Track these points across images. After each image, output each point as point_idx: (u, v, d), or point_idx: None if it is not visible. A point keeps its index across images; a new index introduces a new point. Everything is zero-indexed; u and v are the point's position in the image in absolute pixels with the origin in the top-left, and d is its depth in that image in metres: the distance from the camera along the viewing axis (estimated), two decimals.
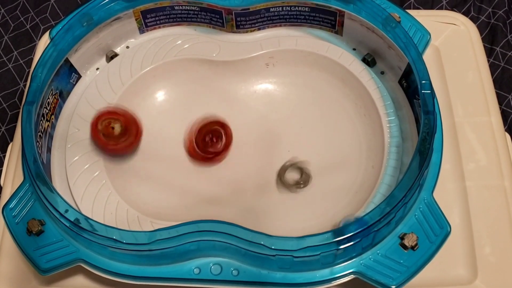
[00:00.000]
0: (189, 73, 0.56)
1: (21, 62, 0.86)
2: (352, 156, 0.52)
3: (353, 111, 0.54)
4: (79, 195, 0.48)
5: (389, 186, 0.47)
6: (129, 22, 0.55)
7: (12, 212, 0.44)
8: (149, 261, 0.43)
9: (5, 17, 0.90)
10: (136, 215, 0.47)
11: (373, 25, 0.51)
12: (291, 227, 0.48)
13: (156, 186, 0.52)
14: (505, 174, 0.50)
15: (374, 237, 0.41)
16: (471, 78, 0.56)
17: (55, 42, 0.50)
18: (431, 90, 0.45)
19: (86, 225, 0.41)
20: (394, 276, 0.41)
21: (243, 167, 0.53)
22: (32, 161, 0.44)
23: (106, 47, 0.56)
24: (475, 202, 0.49)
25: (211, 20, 0.56)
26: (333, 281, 0.42)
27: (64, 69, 0.52)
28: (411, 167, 0.42)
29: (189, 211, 0.50)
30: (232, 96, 0.57)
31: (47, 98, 0.50)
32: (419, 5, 0.87)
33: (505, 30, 0.84)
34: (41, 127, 0.48)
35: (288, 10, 0.55)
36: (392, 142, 0.49)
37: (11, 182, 0.52)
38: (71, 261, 0.43)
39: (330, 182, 0.51)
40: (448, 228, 0.42)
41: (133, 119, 0.51)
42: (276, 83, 0.57)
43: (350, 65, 0.53)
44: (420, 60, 0.47)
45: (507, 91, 0.80)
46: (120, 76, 0.54)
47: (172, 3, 0.55)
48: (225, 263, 0.43)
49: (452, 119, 0.53)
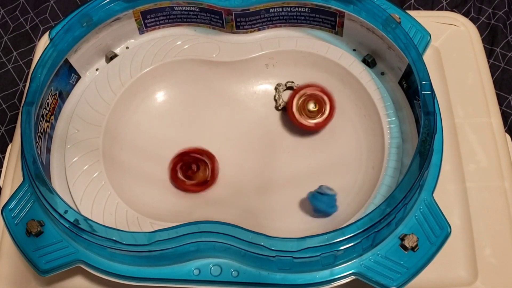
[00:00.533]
0: (188, 74, 0.56)
1: (20, 63, 0.86)
2: (352, 157, 0.52)
3: (353, 112, 0.54)
4: (79, 196, 0.48)
5: (389, 187, 0.47)
6: (128, 23, 0.55)
7: (11, 213, 0.44)
8: (149, 262, 0.42)
9: (4, 17, 0.90)
10: (135, 216, 0.47)
11: (373, 26, 0.50)
12: (291, 228, 0.48)
13: (155, 187, 0.52)
14: (506, 175, 0.50)
15: (374, 238, 0.41)
16: (471, 79, 0.56)
17: (54, 42, 0.50)
18: (432, 91, 0.45)
19: (86, 226, 0.41)
20: (394, 277, 0.41)
21: (242, 168, 0.53)
22: (31, 161, 0.44)
23: (105, 47, 0.56)
24: (476, 203, 0.49)
25: (211, 20, 0.56)
26: (333, 282, 0.42)
27: (63, 69, 0.52)
28: (411, 168, 0.42)
29: (189, 212, 0.50)
30: (232, 97, 0.57)
31: (47, 98, 0.49)
32: (419, 6, 0.87)
33: (505, 31, 0.84)
34: (40, 128, 0.48)
35: (288, 11, 0.55)
36: (392, 143, 0.49)
37: (11, 182, 0.52)
38: (71, 262, 0.43)
39: (330, 183, 0.51)
40: (448, 229, 0.42)
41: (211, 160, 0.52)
42: (276, 84, 0.57)
43: (350, 66, 0.53)
44: (420, 61, 0.47)
45: (507, 92, 0.80)
46: (119, 76, 0.54)
47: (172, 4, 0.55)
48: (225, 264, 0.43)
49: (452, 120, 0.53)
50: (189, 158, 0.51)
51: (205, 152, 0.51)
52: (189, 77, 0.56)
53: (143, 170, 0.52)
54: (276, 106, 0.53)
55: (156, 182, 0.52)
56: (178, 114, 0.56)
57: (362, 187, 0.49)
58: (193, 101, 0.56)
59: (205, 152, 0.52)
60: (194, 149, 0.52)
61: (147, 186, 0.51)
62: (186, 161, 0.51)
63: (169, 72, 0.55)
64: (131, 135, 0.54)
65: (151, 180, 0.52)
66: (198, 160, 0.51)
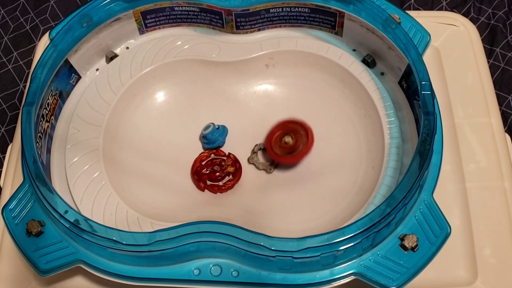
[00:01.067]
0: (189, 74, 0.56)
1: (21, 63, 0.86)
2: (352, 157, 0.52)
3: (353, 112, 0.54)
4: (79, 196, 0.48)
5: (389, 187, 0.47)
6: (129, 23, 0.55)
7: (11, 213, 0.44)
8: (149, 262, 0.43)
9: (5, 18, 0.90)
10: (135, 216, 0.47)
11: (373, 26, 0.50)
12: (291, 228, 0.48)
13: (155, 187, 0.52)
14: (505, 175, 0.50)
15: (374, 238, 0.41)
16: (471, 79, 0.56)
17: (55, 43, 0.50)
18: (431, 91, 0.45)
19: (86, 226, 0.41)
20: (394, 277, 0.41)
21: (243, 167, 0.53)
22: (31, 162, 0.44)
23: (106, 47, 0.56)
24: (475, 203, 0.49)
25: (211, 21, 0.56)
26: (333, 282, 0.42)
27: (64, 69, 0.52)
28: (411, 168, 0.42)
29: (189, 212, 0.50)
30: (232, 97, 0.57)
31: (47, 99, 0.49)
32: (419, 6, 0.87)
33: (505, 31, 0.84)
34: (40, 128, 0.48)
35: (288, 11, 0.55)
36: (392, 143, 0.49)
37: (11, 183, 0.52)
38: (71, 262, 0.43)
39: (330, 183, 0.51)
40: (448, 229, 0.42)
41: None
42: (276, 84, 0.57)
43: (350, 66, 0.53)
44: (420, 61, 0.47)
45: (507, 92, 0.80)
46: (120, 77, 0.54)
47: (172, 4, 0.55)
48: (225, 264, 0.43)
49: (452, 120, 0.53)
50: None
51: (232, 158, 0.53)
52: (189, 77, 0.56)
53: (143, 170, 0.52)
54: (257, 167, 0.53)
55: (156, 182, 0.52)
56: (178, 114, 0.56)
57: (362, 187, 0.49)
58: (193, 101, 0.56)
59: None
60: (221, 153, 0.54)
61: (147, 186, 0.51)
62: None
63: (169, 72, 0.56)
64: (131, 135, 0.54)
65: (152, 180, 0.52)
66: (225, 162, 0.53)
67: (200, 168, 0.52)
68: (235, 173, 0.52)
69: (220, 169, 0.52)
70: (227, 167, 0.52)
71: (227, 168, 0.52)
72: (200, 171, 0.52)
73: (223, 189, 0.51)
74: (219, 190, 0.51)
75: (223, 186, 0.52)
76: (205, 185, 0.51)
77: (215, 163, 0.52)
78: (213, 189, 0.51)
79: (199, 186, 0.52)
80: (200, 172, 0.52)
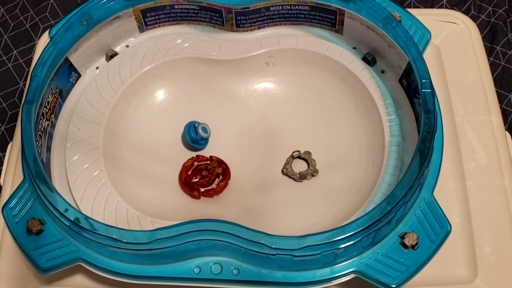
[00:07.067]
0: (189, 72, 0.56)
1: (20, 62, 0.86)
2: (352, 155, 0.52)
3: (353, 110, 0.54)
4: (79, 194, 0.48)
5: (390, 185, 0.47)
6: (129, 21, 0.55)
7: (12, 212, 0.44)
8: (149, 261, 0.43)
9: (4, 16, 0.90)
10: (136, 214, 0.47)
11: (373, 24, 0.50)
12: (291, 226, 0.48)
13: (156, 185, 0.52)
14: (506, 173, 0.50)
15: (375, 236, 0.41)
16: (472, 77, 0.56)
17: (54, 41, 0.50)
18: (432, 89, 0.45)
19: (86, 224, 0.41)
20: (394, 275, 0.41)
21: (243, 166, 0.53)
22: (32, 160, 0.44)
23: (105, 46, 0.56)
24: (476, 201, 0.49)
25: (211, 19, 0.56)
26: (333, 280, 0.42)
27: (63, 68, 0.52)
28: (412, 166, 0.42)
29: (189, 210, 0.50)
30: (232, 95, 0.57)
31: (47, 97, 0.49)
32: (419, 4, 0.87)
33: (505, 29, 0.83)
34: (40, 126, 0.48)
35: (288, 9, 0.55)
36: (393, 141, 0.49)
37: (11, 181, 0.52)
38: (71, 261, 0.43)
39: (330, 181, 0.51)
40: (448, 227, 0.42)
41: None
42: (276, 82, 0.57)
43: (350, 64, 0.53)
44: (420, 59, 0.47)
45: (507, 90, 0.80)
46: (119, 75, 0.54)
47: (172, 2, 0.55)
48: (225, 263, 0.43)
49: (452, 118, 0.53)
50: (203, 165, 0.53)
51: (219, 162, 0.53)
52: (189, 76, 0.56)
53: (144, 168, 0.52)
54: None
55: (156, 180, 0.52)
56: (178, 112, 0.56)
57: (362, 185, 0.49)
58: (193, 99, 0.56)
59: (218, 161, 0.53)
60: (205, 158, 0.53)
61: (148, 184, 0.51)
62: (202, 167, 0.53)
63: (169, 71, 0.55)
64: (131, 133, 0.54)
65: (152, 178, 0.52)
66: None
67: (188, 178, 0.52)
68: (224, 172, 0.52)
69: (209, 173, 0.52)
70: (215, 169, 0.52)
71: (215, 170, 0.52)
72: (189, 180, 0.52)
73: (218, 190, 0.51)
74: (215, 193, 0.51)
75: (217, 187, 0.51)
76: (199, 193, 0.51)
77: (201, 169, 0.52)
78: (209, 194, 0.51)
79: (194, 196, 0.51)
80: (190, 181, 0.52)
